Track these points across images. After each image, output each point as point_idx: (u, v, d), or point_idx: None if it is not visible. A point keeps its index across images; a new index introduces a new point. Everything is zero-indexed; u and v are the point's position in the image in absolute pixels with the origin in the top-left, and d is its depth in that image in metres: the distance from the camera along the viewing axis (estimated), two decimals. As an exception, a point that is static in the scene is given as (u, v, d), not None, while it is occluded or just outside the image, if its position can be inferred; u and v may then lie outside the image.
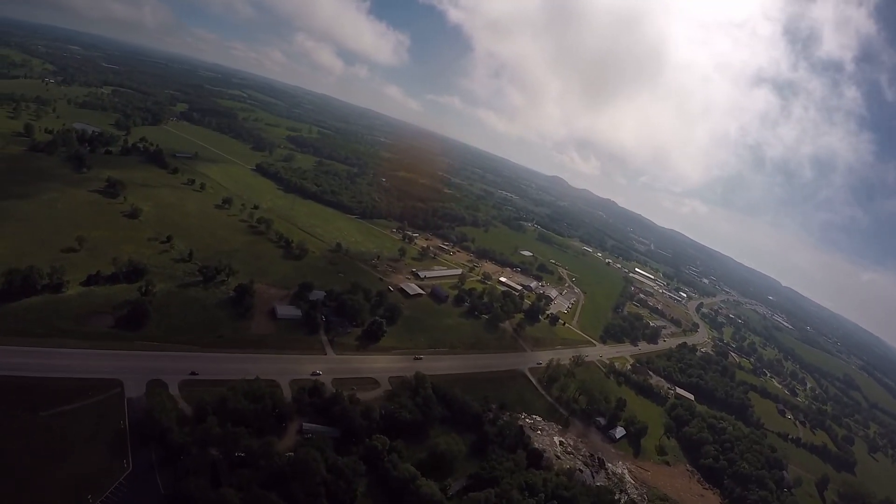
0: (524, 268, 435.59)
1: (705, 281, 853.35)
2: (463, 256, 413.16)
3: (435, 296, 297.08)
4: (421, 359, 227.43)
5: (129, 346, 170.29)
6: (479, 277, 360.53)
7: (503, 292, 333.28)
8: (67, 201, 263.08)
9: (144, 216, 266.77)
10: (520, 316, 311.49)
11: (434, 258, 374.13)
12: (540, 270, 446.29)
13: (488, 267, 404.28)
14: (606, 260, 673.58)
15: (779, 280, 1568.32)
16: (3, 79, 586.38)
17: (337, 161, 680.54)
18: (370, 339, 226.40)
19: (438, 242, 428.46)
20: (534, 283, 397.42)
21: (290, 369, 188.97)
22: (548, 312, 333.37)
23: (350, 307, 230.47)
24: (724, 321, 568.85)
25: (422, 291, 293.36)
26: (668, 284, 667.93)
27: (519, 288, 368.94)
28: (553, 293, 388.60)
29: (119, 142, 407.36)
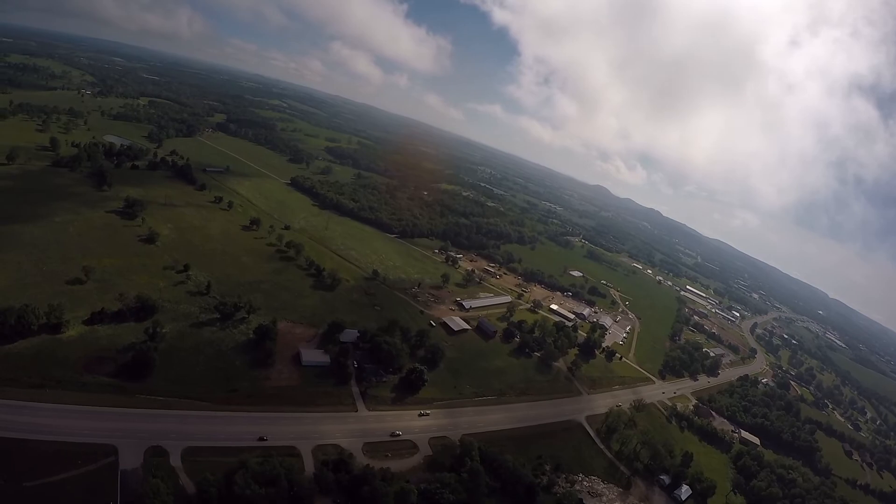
0: (575, 291, 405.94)
1: (755, 296, 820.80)
2: (510, 280, 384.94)
3: (482, 331, 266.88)
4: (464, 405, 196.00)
5: (130, 402, 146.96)
6: (528, 305, 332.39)
7: (555, 323, 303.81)
8: (81, 224, 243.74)
9: (162, 241, 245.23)
10: (574, 352, 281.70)
11: (480, 283, 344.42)
12: (592, 294, 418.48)
13: (538, 292, 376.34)
14: (657, 277, 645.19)
15: (826, 292, 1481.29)
16: (40, 90, 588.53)
17: (376, 173, 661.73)
18: (408, 390, 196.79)
19: (484, 264, 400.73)
20: (587, 311, 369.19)
21: (313, 432, 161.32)
22: (603, 346, 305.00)
23: (386, 352, 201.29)
24: (780, 343, 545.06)
25: (467, 326, 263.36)
26: (720, 303, 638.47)
27: (571, 317, 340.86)
28: (607, 321, 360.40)
29: (148, 155, 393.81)
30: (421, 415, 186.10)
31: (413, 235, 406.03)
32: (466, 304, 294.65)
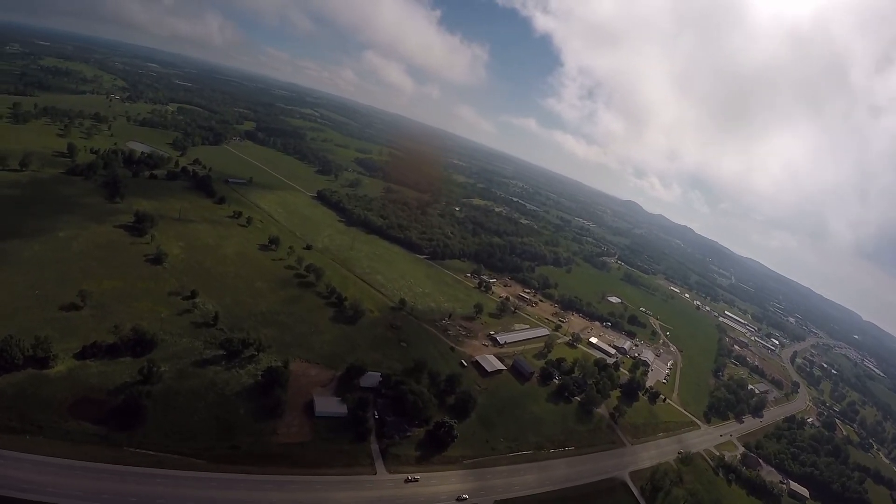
0: (614, 321, 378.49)
1: (791, 321, 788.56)
2: (547, 308, 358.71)
3: (517, 371, 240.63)
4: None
5: (118, 456, 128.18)
6: (567, 338, 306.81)
7: (596, 361, 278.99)
8: (85, 240, 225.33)
9: (170, 262, 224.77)
10: (616, 394, 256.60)
11: (514, 313, 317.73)
12: (631, 323, 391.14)
13: (576, 322, 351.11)
14: (695, 302, 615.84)
15: (859, 313, 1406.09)
16: (69, 94, 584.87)
17: (407, 187, 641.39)
18: (435, 447, 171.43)
19: (519, 290, 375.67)
20: (627, 344, 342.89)
21: (325, 500, 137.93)
22: (647, 386, 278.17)
23: (411, 403, 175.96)
24: (820, 373, 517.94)
25: (502, 367, 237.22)
26: (759, 330, 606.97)
27: (612, 351, 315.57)
28: (649, 355, 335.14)
29: (169, 164, 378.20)
30: (459, 500, 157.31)
31: (444, 257, 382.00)
32: (501, 338, 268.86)
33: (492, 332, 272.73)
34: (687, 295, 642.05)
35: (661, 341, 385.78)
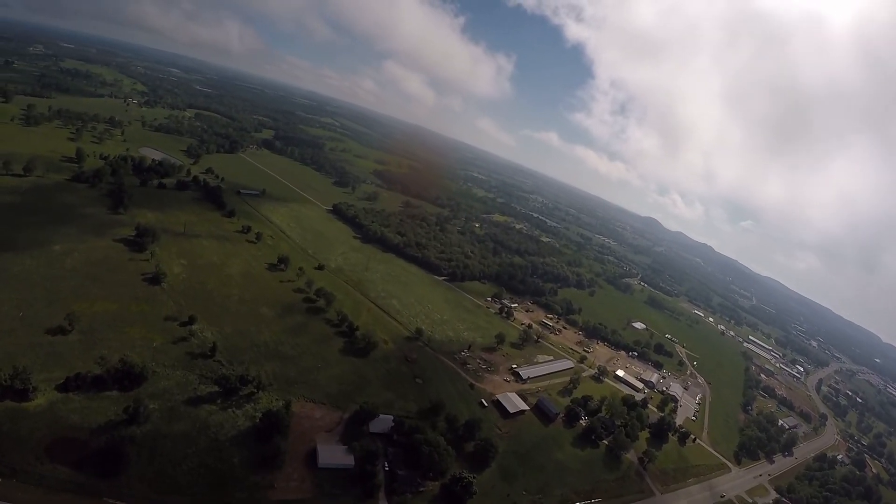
0: (641, 351, 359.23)
1: (814, 344, 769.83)
2: (571, 336, 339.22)
3: (541, 412, 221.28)
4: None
5: None
6: (593, 371, 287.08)
7: (624, 398, 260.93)
8: (81, 256, 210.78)
9: (169, 282, 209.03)
10: (645, 436, 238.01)
11: (538, 342, 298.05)
12: (658, 352, 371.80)
13: (601, 351, 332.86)
14: (719, 326, 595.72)
15: (878, 335, 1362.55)
16: (86, 97, 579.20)
17: (426, 201, 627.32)
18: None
19: (542, 315, 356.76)
20: (655, 377, 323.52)
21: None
22: (676, 425, 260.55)
23: (426, 455, 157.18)
24: (846, 402, 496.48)
25: (525, 407, 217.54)
26: (783, 356, 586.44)
27: (640, 386, 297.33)
28: (677, 389, 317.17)
29: (180, 172, 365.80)
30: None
31: (463, 278, 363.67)
32: (524, 372, 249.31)
33: (514, 366, 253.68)
34: (711, 319, 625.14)
35: (688, 372, 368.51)
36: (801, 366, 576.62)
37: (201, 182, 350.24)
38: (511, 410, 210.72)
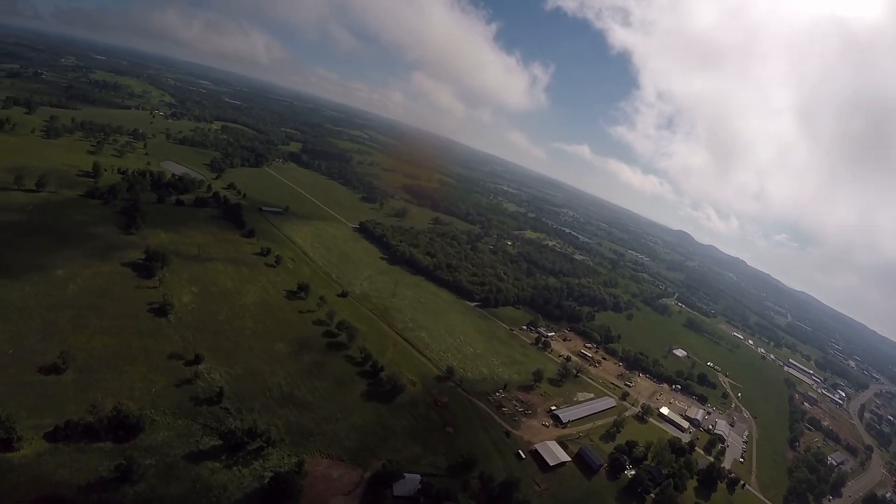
0: (683, 383, 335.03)
1: (852, 364, 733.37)
2: (611, 367, 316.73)
3: (584, 462, 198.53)
4: None
5: None
6: (636, 410, 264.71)
7: (670, 442, 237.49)
8: (84, 281, 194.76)
9: (177, 313, 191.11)
10: (693, 484, 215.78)
11: (577, 377, 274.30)
12: (701, 383, 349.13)
13: (642, 384, 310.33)
14: (759, 350, 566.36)
15: None
16: (112, 108, 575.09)
17: (456, 217, 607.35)
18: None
19: (580, 344, 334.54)
20: (700, 413, 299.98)
21: None
22: (724, 471, 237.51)
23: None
24: (889, 430, 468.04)
25: (565, 458, 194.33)
26: (824, 380, 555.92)
27: (685, 425, 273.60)
28: (723, 426, 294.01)
29: (200, 188, 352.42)
30: None
31: (497, 304, 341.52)
32: (564, 415, 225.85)
33: (553, 408, 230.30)
34: (750, 342, 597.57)
35: (732, 405, 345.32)
36: (843, 390, 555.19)
37: (221, 199, 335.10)
38: (551, 463, 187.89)
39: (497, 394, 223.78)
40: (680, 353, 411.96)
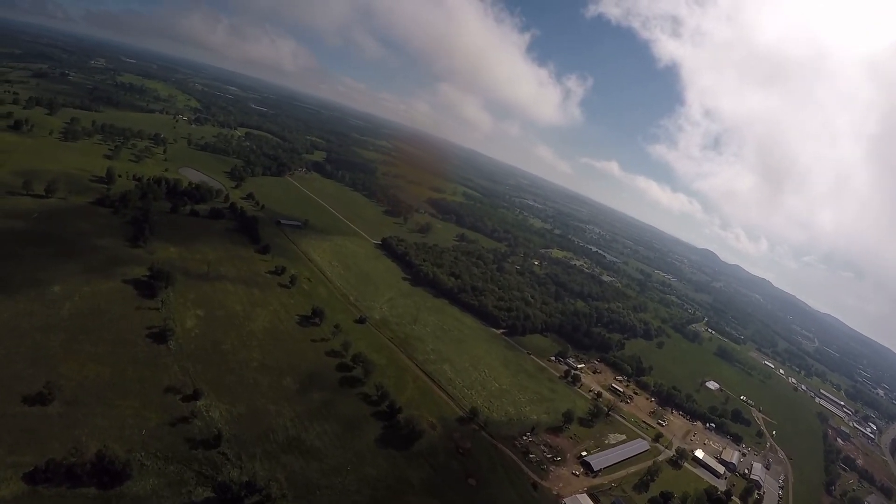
0: (718, 422, 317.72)
1: (881, 392, 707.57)
2: (643, 403, 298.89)
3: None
4: None
5: None
6: (671, 454, 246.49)
7: (707, 491, 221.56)
8: (82, 300, 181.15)
9: (178, 339, 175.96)
10: None
11: (608, 415, 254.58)
12: (735, 420, 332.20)
13: (675, 423, 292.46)
14: (791, 379, 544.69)
15: None
16: (136, 111, 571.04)
17: (482, 234, 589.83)
18: None
19: (610, 377, 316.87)
20: (735, 455, 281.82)
21: None
22: None
23: None
24: None
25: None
26: (856, 412, 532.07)
27: (720, 470, 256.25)
28: (759, 470, 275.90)
29: (217, 198, 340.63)
30: None
31: (524, 332, 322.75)
32: (595, 462, 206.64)
33: (584, 454, 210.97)
34: (781, 371, 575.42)
35: (767, 445, 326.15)
36: (873, 422, 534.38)
37: (238, 210, 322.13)
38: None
39: (524, 437, 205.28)
40: (712, 385, 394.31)
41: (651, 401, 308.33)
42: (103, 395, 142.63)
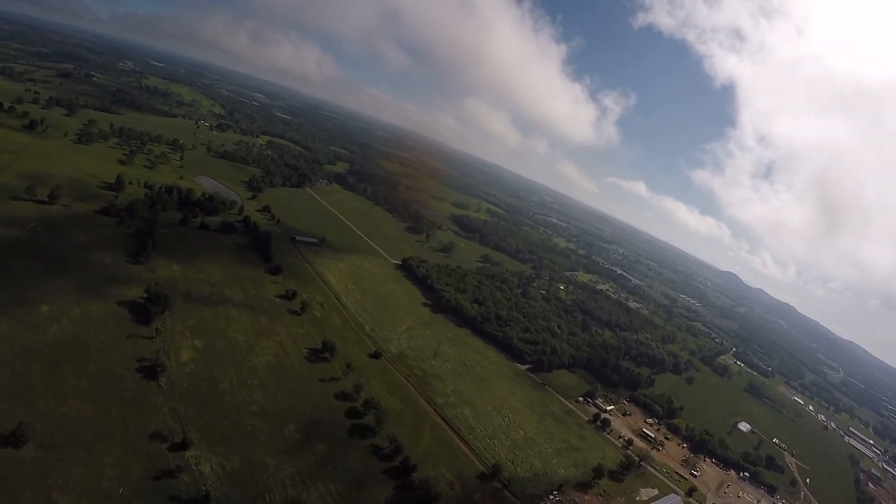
0: (752, 470, 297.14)
1: None
2: (675, 449, 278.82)
3: None
4: None
5: None
6: None
7: None
8: (70, 324, 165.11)
9: (171, 376, 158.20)
10: None
11: (640, 466, 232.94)
12: (768, 467, 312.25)
13: (708, 473, 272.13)
14: (820, 417, 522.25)
15: None
16: (157, 115, 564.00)
17: (506, 254, 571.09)
18: None
19: (641, 420, 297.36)
20: None
21: None
22: None
23: None
24: None
25: None
26: (885, 452, 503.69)
27: None
28: None
29: (231, 210, 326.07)
30: None
31: (550, 367, 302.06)
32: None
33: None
34: (811, 407, 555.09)
35: (801, 495, 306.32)
36: None
37: (251, 225, 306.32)
38: None
39: (551, 497, 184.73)
40: (744, 427, 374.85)
41: (683, 447, 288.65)
42: (83, 438, 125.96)
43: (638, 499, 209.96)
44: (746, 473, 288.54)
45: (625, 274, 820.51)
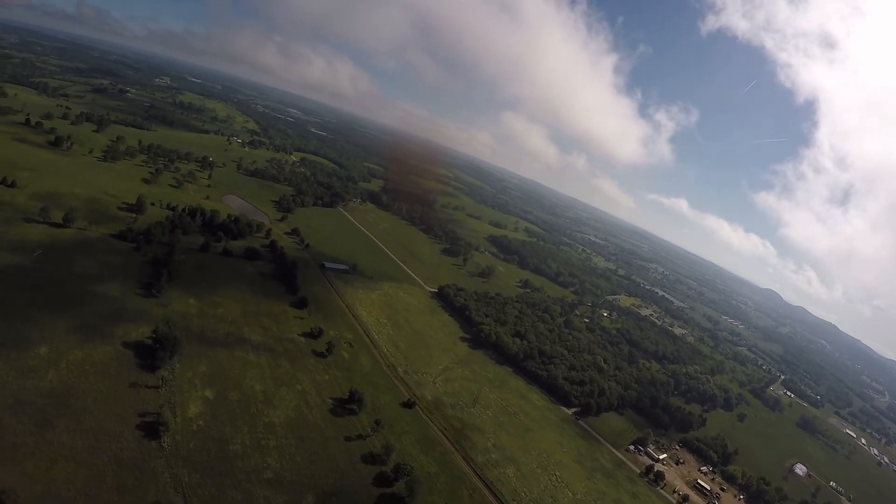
0: None
1: None
2: (732, 502, 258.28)
3: None
4: None
5: None
6: None
7: None
8: (68, 369, 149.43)
9: (175, 435, 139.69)
10: None
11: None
12: None
13: None
14: (873, 451, 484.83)
15: None
16: (190, 132, 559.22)
17: (546, 277, 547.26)
18: None
19: (695, 469, 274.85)
20: None
21: None
22: None
23: None
24: None
25: None
26: None
27: None
28: None
29: (258, 234, 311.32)
30: None
31: (598, 410, 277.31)
32: None
33: None
34: (863, 441, 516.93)
35: None
36: None
37: (278, 251, 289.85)
38: None
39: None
40: (800, 470, 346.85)
41: (740, 498, 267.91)
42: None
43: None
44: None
45: (666, 296, 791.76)
